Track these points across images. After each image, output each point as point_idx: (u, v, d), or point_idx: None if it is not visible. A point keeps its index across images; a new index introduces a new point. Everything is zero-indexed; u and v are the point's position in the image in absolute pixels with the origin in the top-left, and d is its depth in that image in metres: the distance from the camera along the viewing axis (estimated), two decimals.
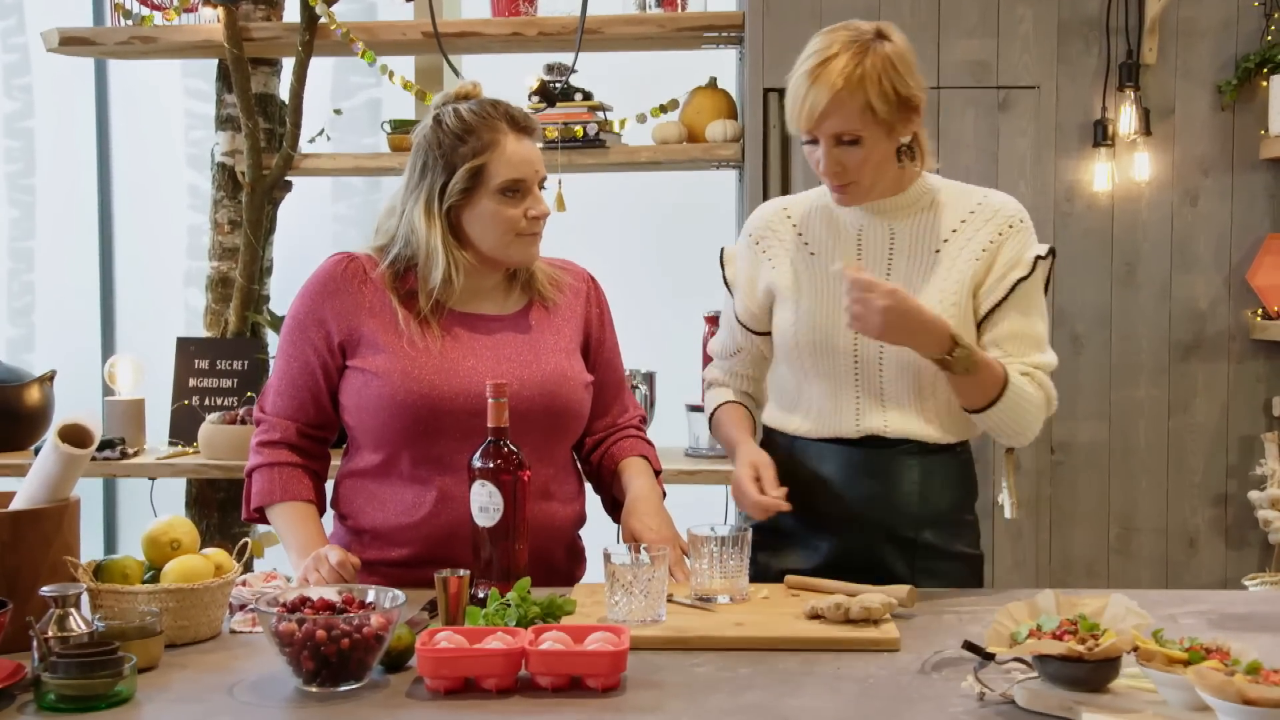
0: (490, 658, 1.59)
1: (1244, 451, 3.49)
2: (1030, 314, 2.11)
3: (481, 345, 2.10)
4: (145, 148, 4.72)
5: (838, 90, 1.99)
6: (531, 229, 2.09)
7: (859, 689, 1.61)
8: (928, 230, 2.13)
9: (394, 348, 2.06)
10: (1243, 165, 3.48)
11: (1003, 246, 2.10)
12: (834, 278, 2.13)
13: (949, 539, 2.16)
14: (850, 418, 2.13)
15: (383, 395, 2.05)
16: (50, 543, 1.79)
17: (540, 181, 2.11)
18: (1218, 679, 1.36)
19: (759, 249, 2.24)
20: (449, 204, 2.06)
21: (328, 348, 2.10)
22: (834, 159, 2.04)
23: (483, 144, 2.05)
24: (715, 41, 3.63)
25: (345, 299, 2.10)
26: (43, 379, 3.60)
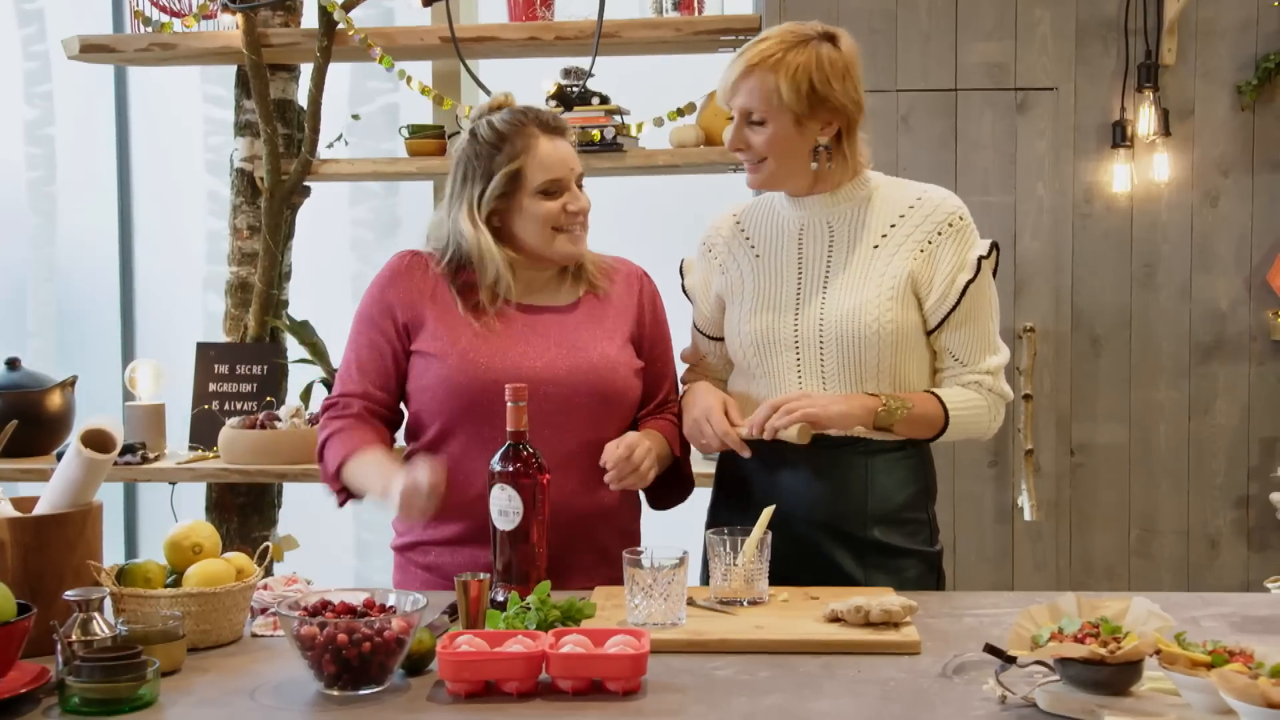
0: (511, 661, 1.59)
1: (1265, 453, 3.47)
2: (979, 317, 2.16)
3: (535, 332, 2.18)
4: (165, 154, 4.74)
5: (750, 66, 2.11)
6: (572, 223, 2.19)
7: (880, 692, 1.60)
8: (865, 225, 2.18)
9: (452, 333, 2.16)
10: (1263, 166, 3.46)
11: (942, 246, 2.14)
12: (776, 277, 2.20)
13: (901, 537, 2.17)
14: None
15: (440, 376, 2.14)
16: (73, 547, 1.80)
17: (578, 179, 2.21)
18: (1241, 682, 1.36)
19: (710, 256, 2.32)
20: (491, 209, 2.17)
21: (395, 331, 2.20)
22: (738, 134, 2.14)
23: (516, 149, 2.15)
24: (732, 45, 3.63)
25: (410, 287, 2.21)
26: (64, 384, 3.62)
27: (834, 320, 2.13)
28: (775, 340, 2.17)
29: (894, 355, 2.13)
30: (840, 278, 2.15)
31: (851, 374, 2.13)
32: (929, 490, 2.23)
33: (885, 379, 2.13)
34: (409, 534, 2.23)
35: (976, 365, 2.16)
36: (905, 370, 2.15)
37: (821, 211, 2.19)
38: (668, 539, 2.08)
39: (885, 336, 2.11)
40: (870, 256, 2.15)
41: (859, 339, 2.11)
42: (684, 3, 3.55)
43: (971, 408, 2.15)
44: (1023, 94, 3.45)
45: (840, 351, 2.13)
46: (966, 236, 2.16)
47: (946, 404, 2.13)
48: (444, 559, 2.17)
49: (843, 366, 2.13)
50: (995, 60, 3.45)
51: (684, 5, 3.55)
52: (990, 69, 3.45)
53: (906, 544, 2.17)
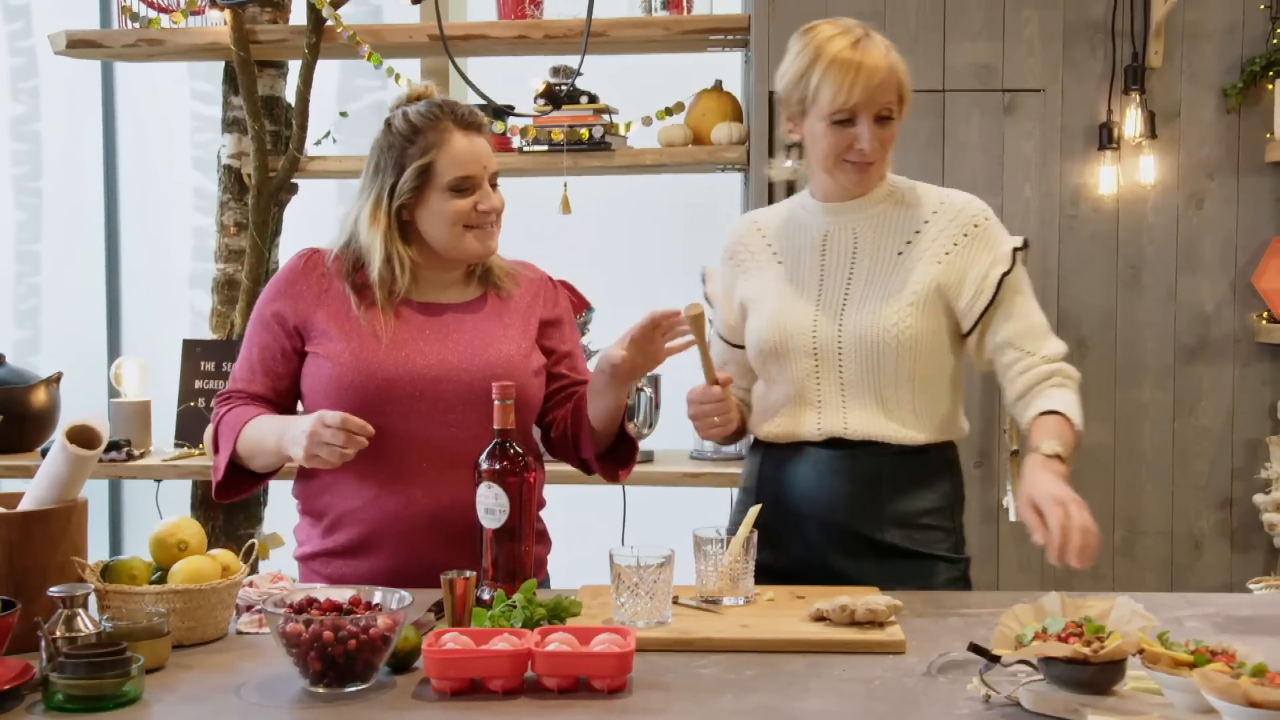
0: (496, 659, 1.60)
1: (1249, 455, 3.49)
2: (1028, 307, 2.15)
3: (431, 330, 2.16)
4: (151, 150, 4.73)
5: (888, 67, 2.09)
6: (482, 222, 2.14)
7: (865, 691, 1.61)
8: (890, 232, 2.17)
9: (345, 333, 2.13)
10: (1248, 169, 3.47)
11: (969, 247, 2.14)
12: (797, 284, 2.19)
13: (922, 542, 2.15)
14: (812, 420, 2.17)
15: (332, 377, 2.12)
16: (58, 543, 1.79)
17: (491, 178, 2.16)
18: (1223, 681, 1.36)
19: (733, 264, 2.31)
20: (400, 202, 2.13)
21: (286, 333, 2.17)
22: (876, 136, 2.11)
23: (429, 143, 2.11)
24: (720, 44, 3.64)
25: (304, 288, 2.18)
26: (49, 381, 3.61)
27: (852, 328, 2.12)
28: (791, 348, 2.16)
29: (913, 363, 2.12)
30: (861, 285, 2.15)
31: (870, 381, 2.13)
32: (955, 496, 2.21)
33: (904, 387, 2.12)
34: (307, 544, 2.21)
35: (1044, 353, 2.12)
36: (924, 379, 2.13)
37: (848, 217, 2.18)
38: (657, 539, 2.09)
39: (904, 344, 2.10)
40: (893, 264, 2.15)
41: (877, 347, 2.10)
42: (673, 2, 3.56)
43: (1077, 405, 2.09)
44: (1010, 95, 3.46)
45: (859, 359, 2.12)
46: (994, 235, 2.16)
47: (1073, 419, 2.05)
48: (346, 570, 2.14)
49: (861, 374, 2.13)
50: (983, 61, 3.46)
51: (673, 4, 3.56)
52: (978, 70, 3.46)
53: (929, 550, 2.15)
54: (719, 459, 3.42)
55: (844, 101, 2.07)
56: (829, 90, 2.08)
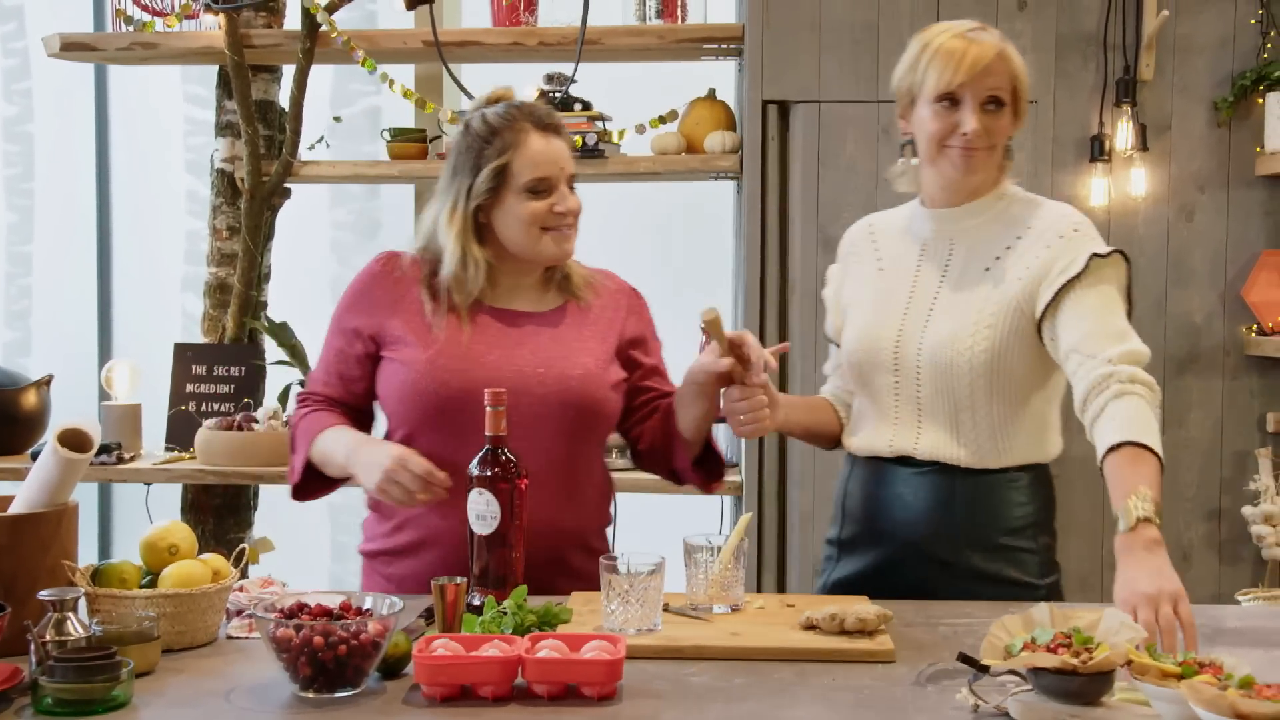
0: (487, 665, 1.60)
1: (1238, 467, 3.50)
2: (1101, 311, 1.99)
3: (509, 339, 2.14)
4: (144, 153, 4.72)
5: (1000, 51, 2.05)
6: (559, 224, 2.13)
7: (854, 700, 1.61)
8: (984, 245, 2.11)
9: (420, 340, 2.12)
10: (1238, 181, 3.49)
11: (1050, 260, 2.04)
12: (890, 295, 2.15)
13: (999, 565, 2.10)
14: (886, 436, 2.14)
15: (406, 383, 2.11)
16: (48, 547, 1.79)
17: (568, 179, 2.15)
18: (1211, 693, 1.37)
19: (842, 267, 2.29)
20: (476, 203, 2.12)
21: (361, 339, 2.17)
22: (981, 120, 2.04)
23: (506, 144, 2.11)
24: (714, 53, 3.65)
25: (378, 295, 2.18)
26: (40, 383, 3.61)
27: (930, 347, 2.07)
28: (877, 360, 2.13)
29: (989, 386, 2.05)
30: (946, 301, 2.09)
31: (944, 403, 2.07)
32: (1041, 519, 2.13)
33: (980, 410, 2.06)
34: (373, 541, 2.21)
35: (1106, 354, 1.93)
36: (1003, 401, 2.07)
37: (948, 226, 2.13)
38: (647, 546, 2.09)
39: (978, 367, 2.04)
40: (981, 279, 2.08)
41: (951, 366, 2.05)
42: (667, 11, 3.57)
43: (1146, 419, 1.89)
44: None
45: (934, 379, 2.07)
46: (1077, 244, 2.04)
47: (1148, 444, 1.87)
48: (407, 569, 2.14)
49: (936, 394, 2.07)
50: None
51: (667, 13, 3.57)
52: None
53: (1005, 572, 2.09)
54: None
55: (949, 81, 2.03)
56: (935, 72, 2.04)
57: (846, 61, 3.46)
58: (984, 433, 2.08)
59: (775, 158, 3.50)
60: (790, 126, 3.50)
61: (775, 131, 3.49)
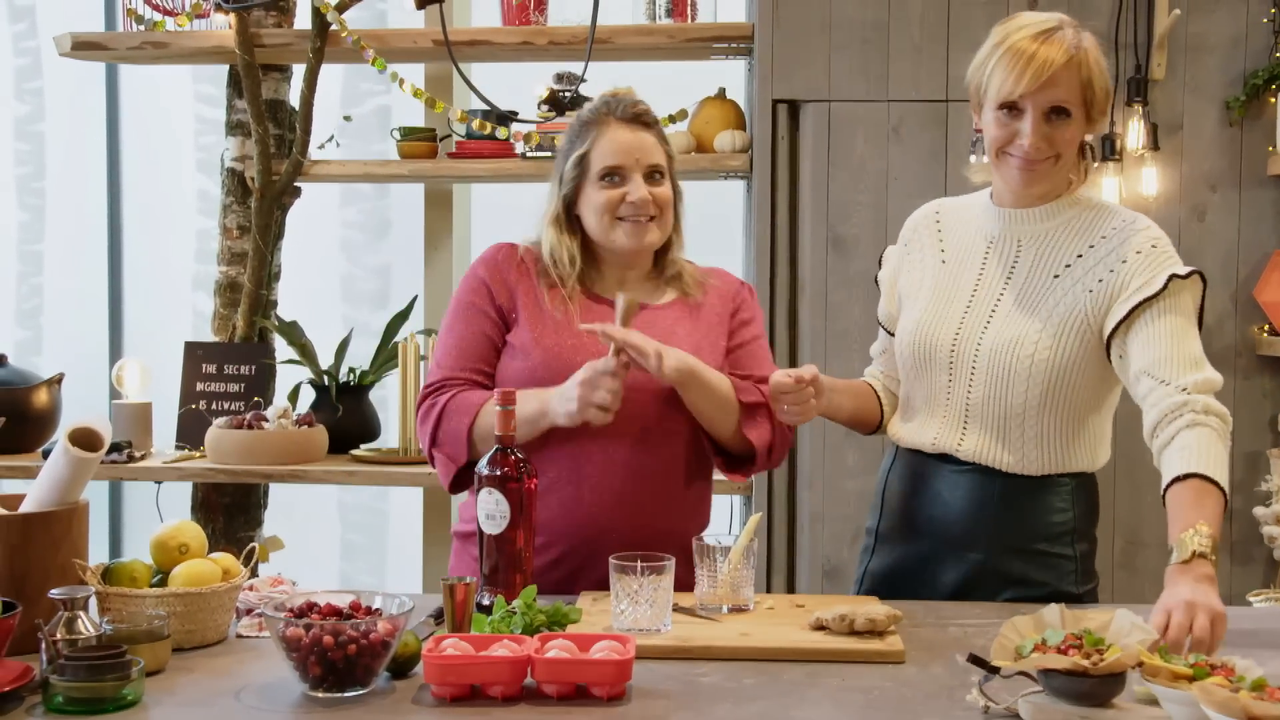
0: (496, 665, 1.60)
1: (1249, 467, 3.49)
2: (1176, 335, 1.95)
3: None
4: (155, 152, 4.73)
5: (1066, 61, 1.98)
6: (631, 214, 2.13)
7: (864, 700, 1.61)
8: (1054, 250, 2.07)
9: (534, 324, 2.15)
10: (1250, 181, 3.48)
11: (1123, 275, 2.00)
12: (952, 288, 2.11)
13: (1035, 570, 2.08)
14: (931, 432, 2.13)
15: (521, 371, 2.13)
16: (59, 545, 1.80)
17: (650, 169, 2.16)
18: (1223, 695, 1.37)
19: (906, 251, 2.25)
20: (564, 192, 2.18)
21: (495, 312, 2.18)
22: (1042, 132, 2.00)
23: (589, 135, 2.17)
24: (724, 52, 3.64)
25: (503, 275, 2.20)
26: (51, 382, 3.61)
27: (990, 348, 2.04)
28: (933, 356, 2.10)
29: (1044, 394, 2.02)
30: (1011, 303, 2.05)
31: (995, 406, 2.04)
32: (1082, 526, 2.10)
33: (1031, 417, 2.04)
34: (467, 523, 2.17)
35: (1180, 381, 1.91)
36: (1056, 410, 2.04)
37: (1017, 227, 2.09)
38: None
39: (1036, 374, 2.01)
40: (1048, 286, 2.04)
41: (1009, 372, 2.02)
42: (677, 10, 3.56)
43: (1215, 452, 1.87)
44: None
45: (989, 381, 2.05)
46: (1153, 261, 1.99)
47: (1215, 479, 1.84)
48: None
49: (988, 396, 2.05)
50: None
51: (677, 12, 3.56)
52: None
53: (1039, 577, 2.07)
54: None
55: (1010, 90, 1.99)
56: (998, 77, 2.01)
57: (856, 61, 3.46)
58: (1031, 443, 2.05)
59: (785, 157, 3.50)
60: (800, 126, 3.49)
61: (785, 131, 3.49)
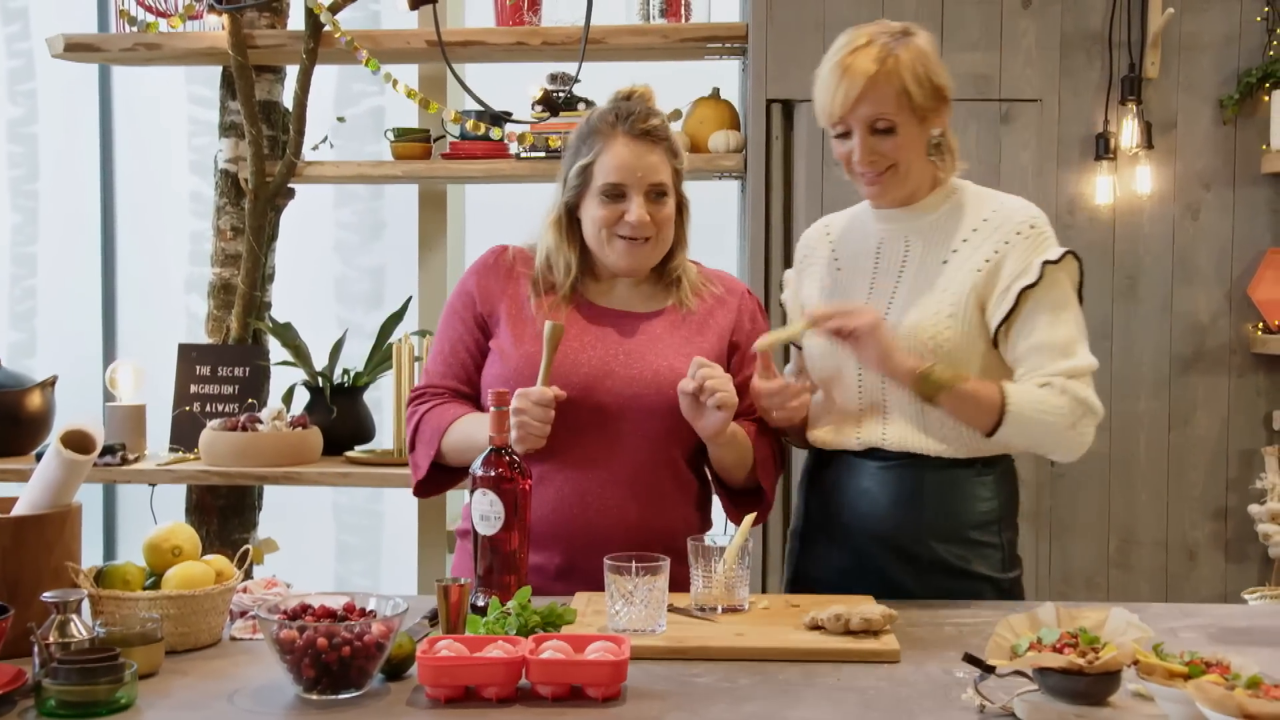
0: (491, 666, 1.59)
1: (1244, 465, 3.49)
2: (1049, 325, 2.03)
3: (607, 338, 2.14)
4: (148, 154, 4.73)
5: (872, 74, 2.01)
6: (628, 234, 2.11)
7: (859, 700, 1.61)
8: (940, 240, 2.11)
9: (518, 331, 2.15)
10: (1244, 179, 3.48)
11: (1007, 257, 2.06)
12: (848, 292, 2.16)
13: (965, 559, 2.11)
14: (852, 431, 2.15)
15: (500, 375, 2.14)
16: (52, 548, 1.79)
17: (652, 188, 2.12)
18: (1218, 693, 1.36)
19: (799, 268, 2.29)
20: (566, 199, 2.16)
21: (476, 322, 2.20)
22: (869, 147, 2.04)
23: (595, 144, 2.13)
24: (718, 52, 3.64)
25: (489, 282, 2.21)
26: (44, 384, 3.60)
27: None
28: (841, 357, 2.12)
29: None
30: (905, 295, 2.09)
31: (909, 393, 2.06)
32: (1006, 514, 2.14)
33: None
34: (466, 521, 2.17)
35: (1050, 366, 2.01)
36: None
37: (900, 225, 2.14)
38: None
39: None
40: (938, 272, 2.09)
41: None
42: (671, 10, 3.56)
43: (1038, 408, 1.99)
44: (1007, 105, 3.47)
45: None
46: (1037, 243, 2.05)
47: (1008, 399, 1.98)
48: None
49: (900, 386, 2.06)
50: (980, 71, 3.46)
51: (671, 12, 3.56)
52: (975, 80, 3.46)
53: (971, 566, 2.10)
54: None
55: (828, 113, 2.05)
56: (818, 100, 2.07)
57: None
58: (949, 424, 2.08)
59: (779, 157, 3.50)
60: (794, 125, 3.50)
61: (779, 130, 3.49)
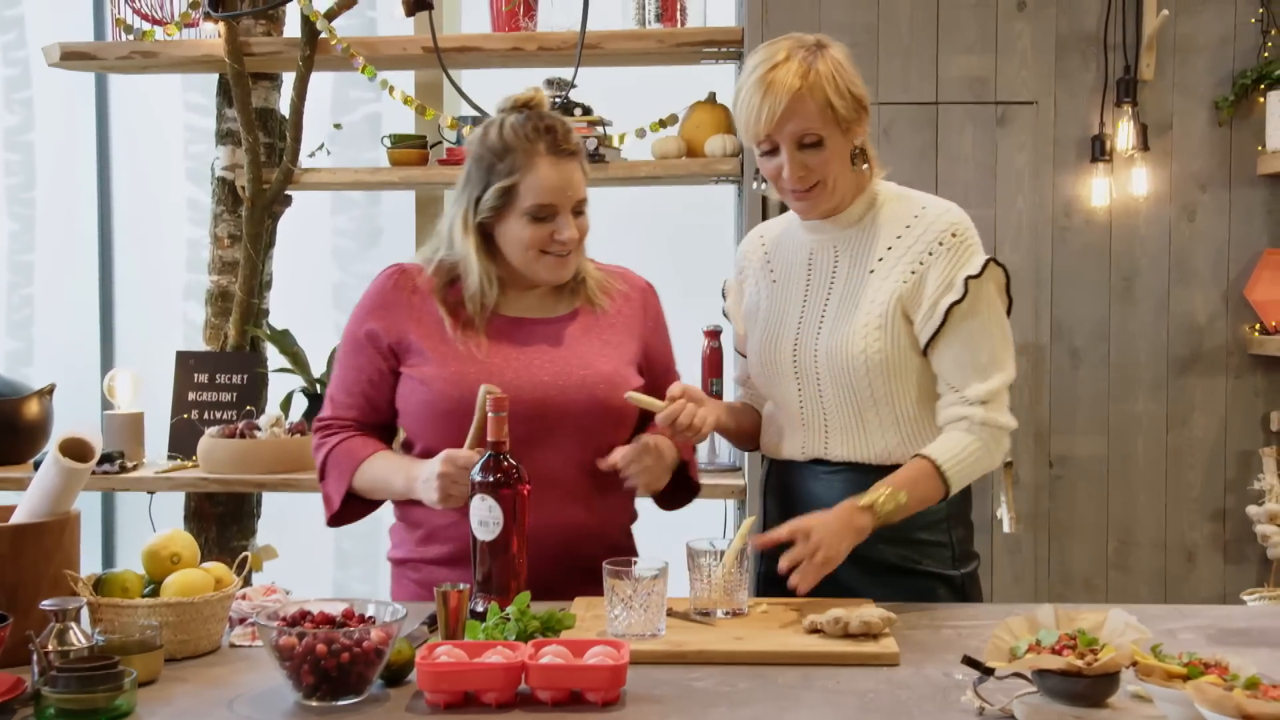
0: (490, 672, 1.59)
1: (1242, 466, 3.50)
2: (970, 339, 2.06)
3: (527, 350, 2.13)
4: (145, 162, 4.73)
5: (796, 90, 2.00)
6: (558, 250, 2.11)
7: (858, 703, 1.61)
8: (867, 248, 2.12)
9: (439, 355, 2.11)
10: (1240, 181, 3.49)
11: (931, 269, 2.06)
12: (784, 303, 2.17)
13: (914, 559, 2.13)
14: (796, 442, 2.17)
15: (426, 402, 2.11)
16: (51, 556, 1.79)
17: (575, 204, 2.12)
18: (1216, 694, 1.36)
19: (740, 278, 2.31)
20: (481, 218, 2.11)
21: (380, 355, 2.16)
22: (798, 163, 2.04)
23: (516, 165, 2.08)
24: (714, 57, 3.64)
25: (394, 311, 2.15)
26: (42, 392, 3.60)
27: (826, 350, 2.09)
28: (779, 370, 2.15)
29: (887, 383, 2.08)
30: (836, 305, 2.11)
31: (849, 403, 2.10)
32: (952, 509, 2.14)
33: (884, 408, 2.09)
34: (401, 548, 2.22)
35: (965, 391, 2.05)
36: (903, 397, 2.09)
37: (829, 235, 2.15)
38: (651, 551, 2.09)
39: (874, 366, 2.06)
40: (865, 281, 2.10)
41: (849, 369, 2.07)
42: (666, 14, 3.57)
43: (967, 456, 2.04)
44: (1003, 108, 3.47)
45: (835, 382, 2.10)
46: (959, 254, 2.06)
47: (940, 464, 2.02)
48: (437, 575, 2.13)
49: (839, 396, 2.10)
50: (976, 74, 3.47)
51: (666, 17, 3.57)
52: (971, 83, 3.47)
53: (923, 566, 2.13)
54: (714, 470, 3.41)
55: (753, 131, 2.04)
56: (741, 118, 2.05)
57: None
58: (890, 431, 2.10)
59: None
60: None
61: None
